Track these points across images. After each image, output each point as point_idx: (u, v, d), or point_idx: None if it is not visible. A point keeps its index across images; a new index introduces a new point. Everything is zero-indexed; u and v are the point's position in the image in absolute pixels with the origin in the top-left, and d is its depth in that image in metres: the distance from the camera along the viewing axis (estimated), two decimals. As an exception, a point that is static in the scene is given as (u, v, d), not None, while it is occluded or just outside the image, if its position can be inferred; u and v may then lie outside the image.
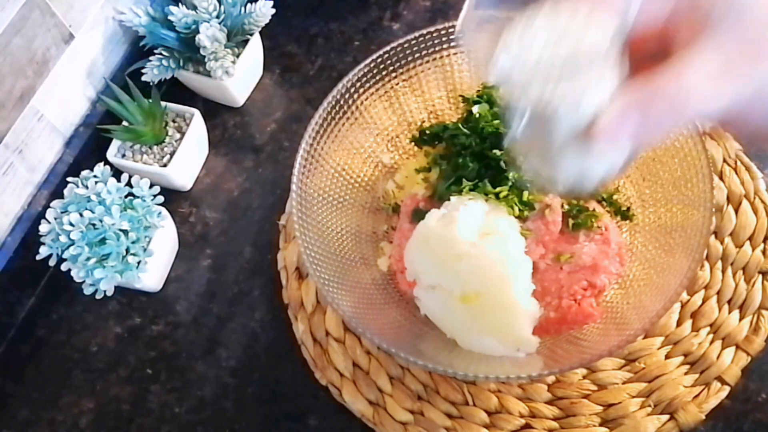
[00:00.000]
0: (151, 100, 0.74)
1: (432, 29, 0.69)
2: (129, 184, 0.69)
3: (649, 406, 0.63)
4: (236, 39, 0.80)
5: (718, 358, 0.64)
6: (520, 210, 0.65)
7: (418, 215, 0.68)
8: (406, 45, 0.69)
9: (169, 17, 0.77)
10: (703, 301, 0.67)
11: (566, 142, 0.36)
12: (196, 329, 0.72)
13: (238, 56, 0.80)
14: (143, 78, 0.77)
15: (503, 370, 0.59)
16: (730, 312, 0.66)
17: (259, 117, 0.84)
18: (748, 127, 0.36)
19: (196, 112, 0.78)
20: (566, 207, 0.67)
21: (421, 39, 0.69)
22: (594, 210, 0.67)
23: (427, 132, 0.74)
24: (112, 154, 0.76)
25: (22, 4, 0.69)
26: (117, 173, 0.71)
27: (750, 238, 0.69)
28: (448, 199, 0.66)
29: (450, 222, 0.64)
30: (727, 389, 0.63)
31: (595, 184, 0.39)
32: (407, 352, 0.56)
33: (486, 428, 0.63)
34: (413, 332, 0.64)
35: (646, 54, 0.35)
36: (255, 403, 0.68)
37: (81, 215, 0.66)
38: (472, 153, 0.69)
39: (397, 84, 0.72)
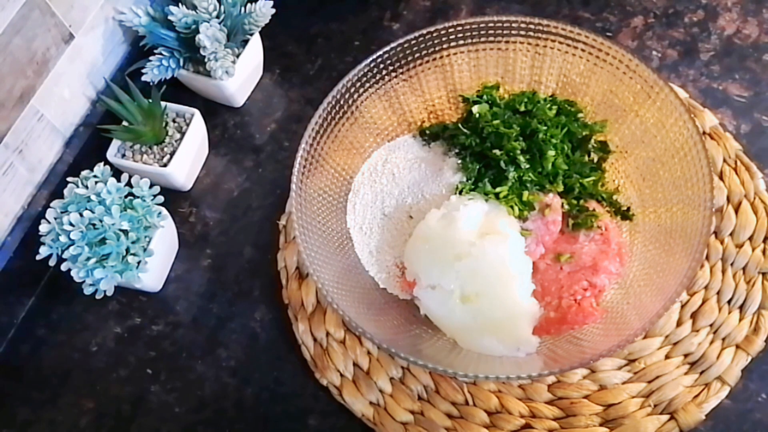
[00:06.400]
0: (151, 100, 0.74)
1: (432, 29, 0.69)
2: (129, 184, 0.69)
3: (649, 406, 0.63)
4: (236, 39, 0.80)
5: (718, 358, 0.64)
6: (520, 210, 0.65)
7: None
8: (406, 45, 0.69)
9: (169, 17, 0.77)
10: (703, 301, 0.67)
11: None
12: (196, 329, 0.72)
13: (238, 56, 0.80)
14: (143, 78, 0.77)
15: (503, 370, 0.59)
16: (730, 312, 0.66)
17: (259, 117, 0.84)
18: None
19: (196, 112, 0.78)
20: (566, 207, 0.67)
21: (421, 39, 0.69)
22: (594, 210, 0.67)
23: (427, 132, 0.74)
24: (112, 154, 0.76)
25: (22, 4, 0.69)
26: (117, 173, 0.71)
27: (750, 238, 0.69)
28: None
29: (450, 222, 0.64)
30: (727, 389, 0.63)
31: None
32: (407, 352, 0.56)
33: (486, 428, 0.63)
34: (413, 332, 0.64)
35: None
36: (255, 403, 0.68)
37: (81, 215, 0.66)
38: (472, 153, 0.69)
39: (397, 84, 0.72)
